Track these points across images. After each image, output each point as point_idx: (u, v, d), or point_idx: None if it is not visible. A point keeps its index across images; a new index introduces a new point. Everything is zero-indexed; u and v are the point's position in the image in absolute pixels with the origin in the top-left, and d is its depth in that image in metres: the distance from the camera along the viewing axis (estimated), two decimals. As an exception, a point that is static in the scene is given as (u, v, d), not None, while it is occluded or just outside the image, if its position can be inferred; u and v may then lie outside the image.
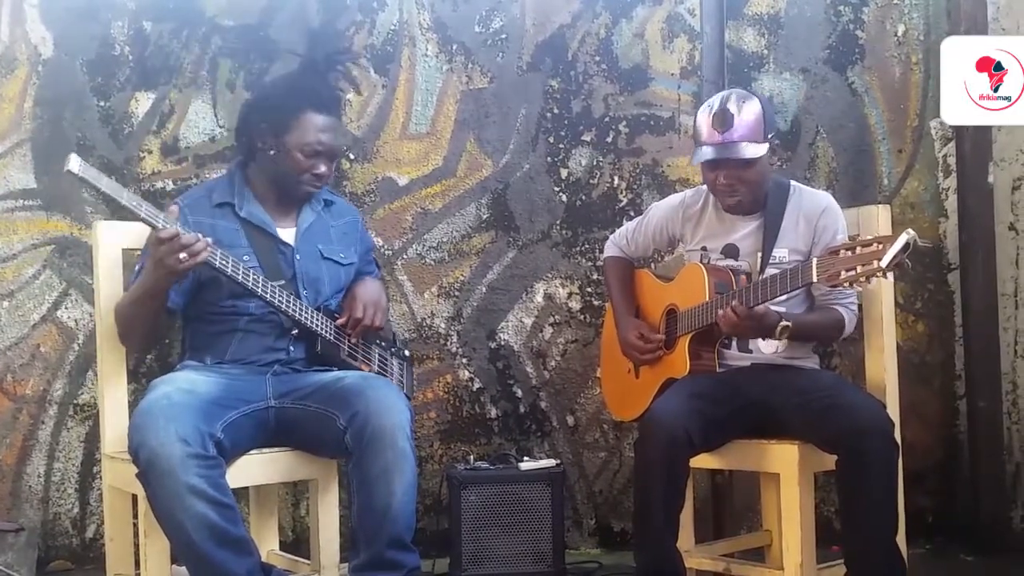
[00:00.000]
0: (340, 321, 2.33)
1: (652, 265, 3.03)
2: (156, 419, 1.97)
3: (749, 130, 2.31)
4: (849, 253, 1.99)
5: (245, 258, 2.23)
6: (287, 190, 2.33)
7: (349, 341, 2.35)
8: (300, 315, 2.24)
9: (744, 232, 2.43)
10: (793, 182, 2.49)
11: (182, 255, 2.03)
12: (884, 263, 1.89)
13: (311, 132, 2.26)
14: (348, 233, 2.47)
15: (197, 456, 1.94)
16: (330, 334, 2.30)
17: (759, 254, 2.38)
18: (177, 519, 1.94)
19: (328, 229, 2.42)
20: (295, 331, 2.28)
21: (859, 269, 1.95)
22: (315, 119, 2.27)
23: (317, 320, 2.28)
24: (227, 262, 2.13)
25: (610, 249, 2.76)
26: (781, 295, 2.18)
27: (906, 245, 1.88)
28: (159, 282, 2.12)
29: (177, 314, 2.33)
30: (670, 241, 2.65)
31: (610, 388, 2.77)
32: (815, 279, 2.06)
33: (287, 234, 2.35)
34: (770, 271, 2.30)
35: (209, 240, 2.09)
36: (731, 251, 2.44)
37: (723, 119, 2.31)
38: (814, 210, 2.39)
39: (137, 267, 2.30)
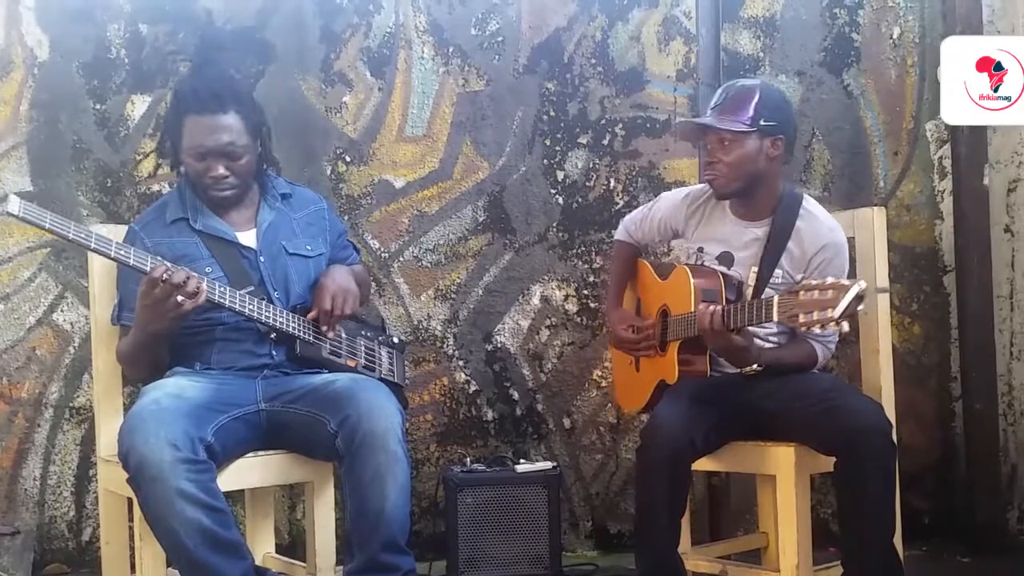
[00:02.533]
0: (311, 316, 2.28)
1: (669, 257, 2.99)
2: (145, 424, 1.97)
3: (732, 106, 2.31)
4: (808, 296, 1.98)
5: (208, 270, 2.20)
6: (206, 197, 2.29)
7: (330, 338, 2.32)
8: (278, 322, 2.21)
9: (745, 241, 2.38)
10: (806, 198, 2.40)
11: (179, 298, 2.02)
12: (836, 314, 1.90)
13: (193, 136, 2.21)
14: (313, 223, 2.42)
15: (187, 461, 1.94)
16: (308, 334, 2.29)
17: (754, 269, 2.34)
18: (168, 524, 1.93)
19: (290, 223, 2.38)
20: (273, 335, 2.26)
21: (815, 316, 1.95)
22: (195, 121, 2.21)
23: (294, 323, 2.26)
24: (224, 296, 2.13)
25: (620, 232, 2.72)
26: (748, 325, 2.16)
27: (857, 297, 1.90)
28: (159, 332, 2.12)
29: None
30: (673, 234, 2.61)
31: (618, 378, 2.75)
32: (775, 318, 2.06)
33: (247, 237, 2.31)
34: (768, 292, 2.29)
35: (203, 280, 2.08)
36: (726, 259, 2.39)
37: (717, 93, 2.37)
38: (814, 241, 2.32)
39: (117, 300, 2.30)
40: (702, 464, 2.35)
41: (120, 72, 3.14)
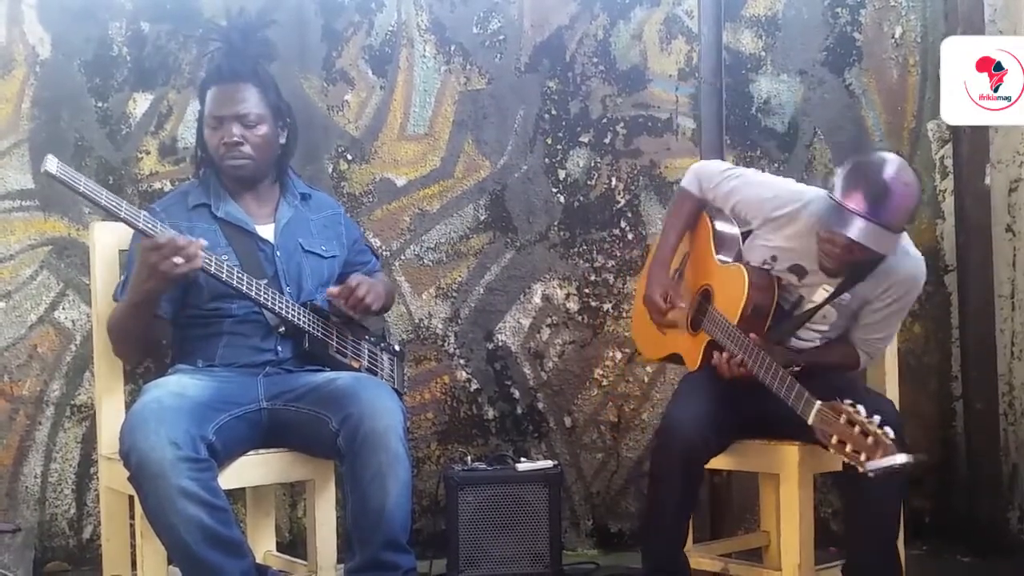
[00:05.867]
0: (333, 291, 2.27)
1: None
2: (146, 423, 1.97)
3: (897, 218, 2.06)
4: (848, 429, 1.86)
5: (224, 257, 2.19)
6: (222, 173, 2.30)
7: (337, 337, 2.32)
8: (288, 313, 2.22)
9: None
10: (904, 236, 2.20)
11: (177, 259, 2.02)
12: (867, 468, 1.79)
13: (211, 106, 2.27)
14: (329, 226, 2.43)
15: (188, 459, 1.93)
16: (318, 331, 2.29)
17: (826, 288, 2.23)
18: (169, 522, 1.93)
19: (308, 223, 2.39)
20: (281, 329, 2.26)
21: (848, 449, 1.85)
22: (214, 92, 2.27)
23: (304, 316, 2.26)
24: (221, 268, 2.12)
25: (690, 181, 2.48)
26: (773, 383, 2.09)
27: (898, 467, 1.77)
28: (152, 290, 2.10)
29: (168, 322, 2.30)
30: (742, 223, 2.46)
31: (641, 324, 2.64)
32: (809, 422, 1.98)
33: (266, 231, 2.32)
34: (830, 310, 2.24)
35: (204, 243, 2.07)
36: (798, 271, 2.28)
37: (880, 196, 2.05)
38: (889, 272, 2.20)
39: (122, 278, 2.29)
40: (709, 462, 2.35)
41: (122, 70, 3.14)
